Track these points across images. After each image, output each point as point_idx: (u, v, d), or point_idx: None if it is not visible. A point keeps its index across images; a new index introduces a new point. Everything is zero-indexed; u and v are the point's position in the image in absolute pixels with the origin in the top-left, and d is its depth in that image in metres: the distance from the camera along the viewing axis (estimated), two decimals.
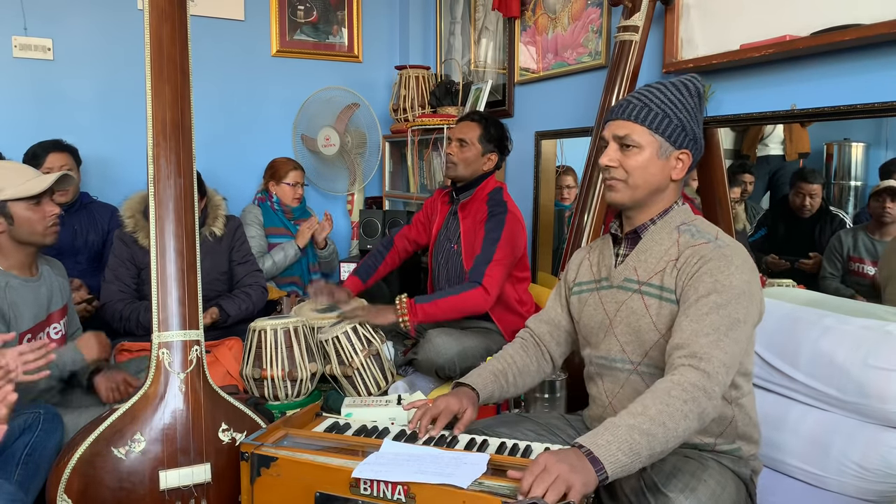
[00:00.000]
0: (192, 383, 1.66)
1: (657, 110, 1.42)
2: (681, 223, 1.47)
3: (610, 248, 1.56)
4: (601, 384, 1.54)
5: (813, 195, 2.21)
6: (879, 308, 1.82)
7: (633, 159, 1.43)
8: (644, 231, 1.49)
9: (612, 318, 1.49)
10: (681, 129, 1.43)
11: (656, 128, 1.42)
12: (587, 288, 1.58)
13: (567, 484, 1.12)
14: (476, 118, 2.57)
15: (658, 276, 1.43)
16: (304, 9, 3.88)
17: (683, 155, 1.45)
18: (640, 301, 1.44)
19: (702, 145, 1.48)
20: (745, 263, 1.38)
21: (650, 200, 1.47)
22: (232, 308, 2.62)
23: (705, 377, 1.24)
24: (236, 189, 3.66)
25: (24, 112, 3.30)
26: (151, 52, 1.71)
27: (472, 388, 1.59)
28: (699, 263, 1.37)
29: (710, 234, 1.43)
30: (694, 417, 1.22)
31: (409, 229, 2.81)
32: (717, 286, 1.33)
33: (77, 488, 1.54)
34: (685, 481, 1.29)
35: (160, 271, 1.68)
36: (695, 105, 1.46)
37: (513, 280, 2.50)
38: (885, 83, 1.75)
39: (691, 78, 1.48)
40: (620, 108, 1.46)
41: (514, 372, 1.65)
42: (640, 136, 1.42)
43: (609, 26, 2.63)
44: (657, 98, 1.44)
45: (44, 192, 1.90)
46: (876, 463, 1.53)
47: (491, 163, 2.54)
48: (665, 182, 1.45)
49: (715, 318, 1.30)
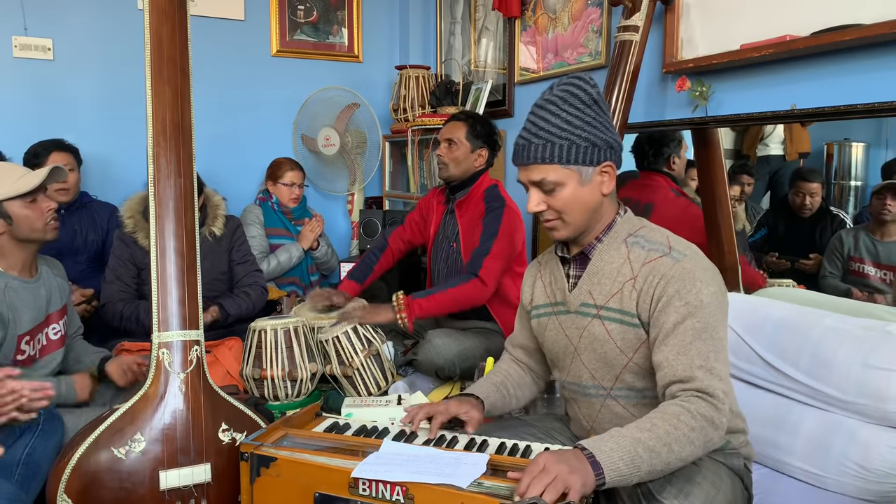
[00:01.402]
0: (192, 383, 1.66)
1: (559, 142, 1.35)
2: (627, 235, 1.43)
3: (560, 269, 1.51)
4: (577, 409, 1.54)
5: (813, 194, 2.21)
6: (879, 308, 1.82)
7: (559, 198, 1.38)
8: (591, 251, 1.44)
9: (576, 346, 1.47)
10: (591, 146, 1.35)
11: (566, 160, 1.35)
12: (545, 311, 1.55)
13: (565, 484, 1.12)
14: (461, 117, 2.59)
15: (616, 299, 1.39)
16: (304, 9, 3.88)
17: (607, 167, 1.39)
18: (601, 326, 1.41)
19: (619, 146, 1.41)
20: (707, 272, 1.35)
21: (592, 222, 1.42)
22: (232, 307, 2.62)
23: (714, 409, 1.24)
24: (236, 189, 3.66)
25: (25, 112, 3.30)
26: (151, 52, 1.71)
27: (475, 396, 1.58)
28: (661, 284, 1.33)
29: (662, 244, 1.38)
30: (699, 445, 1.23)
31: (403, 230, 2.82)
32: (689, 309, 1.30)
33: (77, 488, 1.54)
34: (679, 486, 1.29)
35: (160, 271, 1.68)
36: (595, 114, 1.37)
37: (513, 275, 2.50)
38: (885, 83, 1.75)
39: (579, 84, 1.38)
40: (524, 151, 1.38)
41: (512, 384, 1.65)
42: (555, 175, 1.36)
43: (609, 26, 2.63)
44: (554, 127, 1.36)
45: (38, 188, 1.88)
46: (876, 463, 1.53)
47: (482, 159, 2.55)
48: (599, 200, 1.40)
49: (700, 346, 1.28)
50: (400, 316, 2.24)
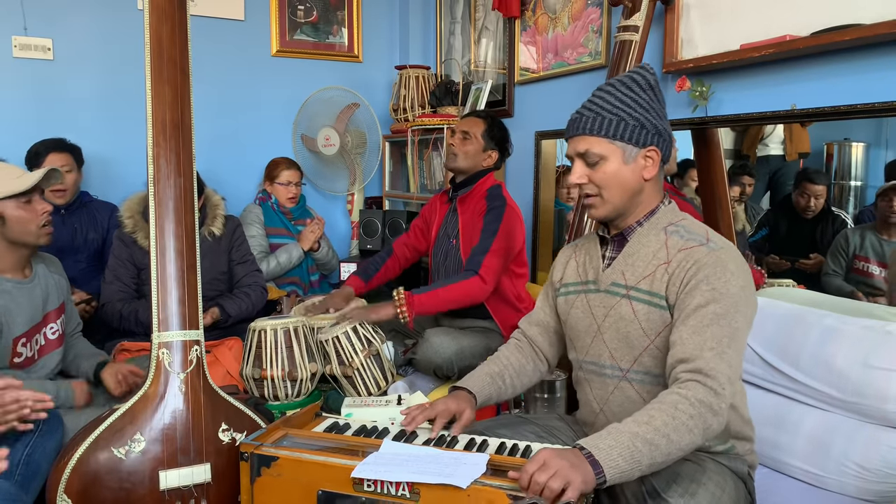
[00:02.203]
0: (192, 383, 1.66)
1: (609, 116, 1.39)
2: (668, 224, 1.44)
3: (597, 249, 1.53)
4: (590, 390, 1.53)
5: (818, 196, 2.21)
6: (880, 308, 1.82)
7: (601, 172, 1.41)
8: (631, 233, 1.46)
9: (600, 324, 1.48)
10: (640, 127, 1.39)
11: (613, 135, 1.38)
12: (574, 290, 1.56)
13: (566, 479, 1.12)
14: (482, 115, 2.62)
15: (647, 281, 1.40)
16: (304, 9, 3.88)
17: (651, 152, 1.41)
18: (629, 306, 1.42)
19: (669, 136, 1.44)
20: (740, 267, 1.36)
21: (631, 205, 1.44)
22: (232, 308, 2.62)
23: (712, 394, 1.24)
24: (236, 189, 3.66)
25: (25, 112, 3.30)
26: (151, 53, 1.71)
27: (468, 391, 1.58)
28: (693, 269, 1.34)
29: (701, 236, 1.40)
30: (698, 433, 1.22)
31: (408, 236, 2.82)
32: (715, 295, 1.31)
33: (77, 488, 1.54)
34: (685, 486, 1.29)
35: (160, 271, 1.68)
36: (649, 98, 1.41)
37: (511, 276, 2.50)
38: (885, 83, 1.75)
39: (638, 70, 1.43)
40: (574, 124, 1.43)
41: (510, 373, 1.64)
42: (600, 148, 1.39)
43: (609, 26, 2.63)
44: (607, 103, 1.40)
45: (33, 189, 1.86)
46: (876, 463, 1.53)
47: (490, 160, 2.56)
48: (640, 184, 1.42)
49: (716, 330, 1.28)
50: (400, 310, 2.24)
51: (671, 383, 1.30)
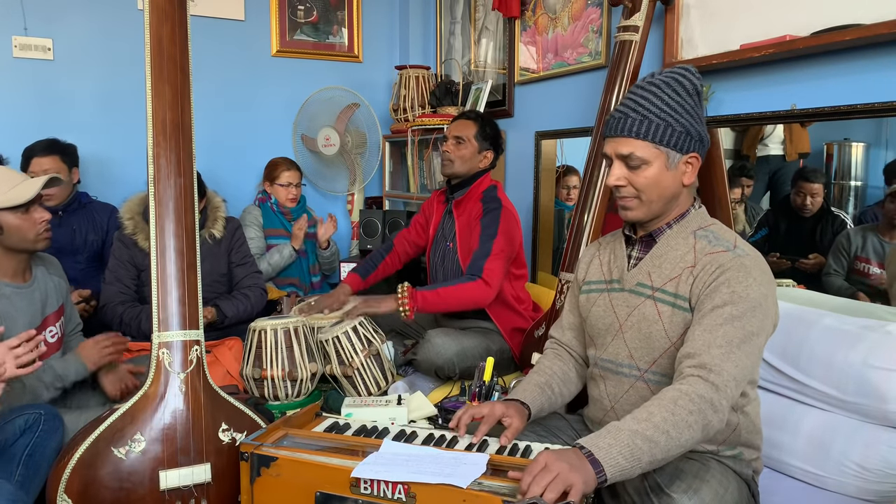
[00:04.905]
0: (192, 383, 1.66)
1: (657, 121, 1.36)
2: (697, 228, 1.43)
3: (623, 249, 1.52)
4: (604, 387, 1.53)
5: (814, 195, 2.20)
6: (880, 308, 1.82)
7: (642, 176, 1.38)
8: (660, 235, 1.45)
9: (622, 323, 1.47)
10: (685, 134, 1.37)
11: (660, 140, 1.36)
12: (596, 288, 1.56)
13: (566, 482, 1.12)
14: (472, 116, 2.60)
15: (673, 283, 1.40)
16: (304, 9, 3.88)
17: (692, 158, 1.40)
18: (653, 307, 1.41)
19: (707, 141, 1.43)
20: (764, 275, 1.35)
21: (666, 209, 1.43)
22: (230, 309, 2.62)
23: (714, 390, 1.23)
24: (236, 189, 3.66)
25: (25, 112, 3.30)
26: (151, 52, 1.71)
27: (521, 402, 1.53)
28: (717, 272, 1.34)
29: (729, 242, 1.39)
30: (698, 429, 1.22)
31: (408, 232, 2.82)
32: (733, 297, 1.30)
33: (77, 488, 1.54)
34: (688, 482, 1.29)
35: (160, 271, 1.68)
36: (694, 104, 1.40)
37: (510, 277, 2.50)
38: (885, 83, 1.75)
39: (686, 73, 1.40)
40: (619, 124, 1.39)
41: (557, 382, 1.61)
42: (644, 152, 1.37)
43: (609, 26, 2.63)
44: (654, 106, 1.37)
45: (32, 199, 1.85)
46: (876, 463, 1.53)
47: (486, 160, 2.56)
48: (678, 189, 1.41)
49: (729, 330, 1.28)
50: (401, 303, 2.23)
51: (675, 378, 1.30)
